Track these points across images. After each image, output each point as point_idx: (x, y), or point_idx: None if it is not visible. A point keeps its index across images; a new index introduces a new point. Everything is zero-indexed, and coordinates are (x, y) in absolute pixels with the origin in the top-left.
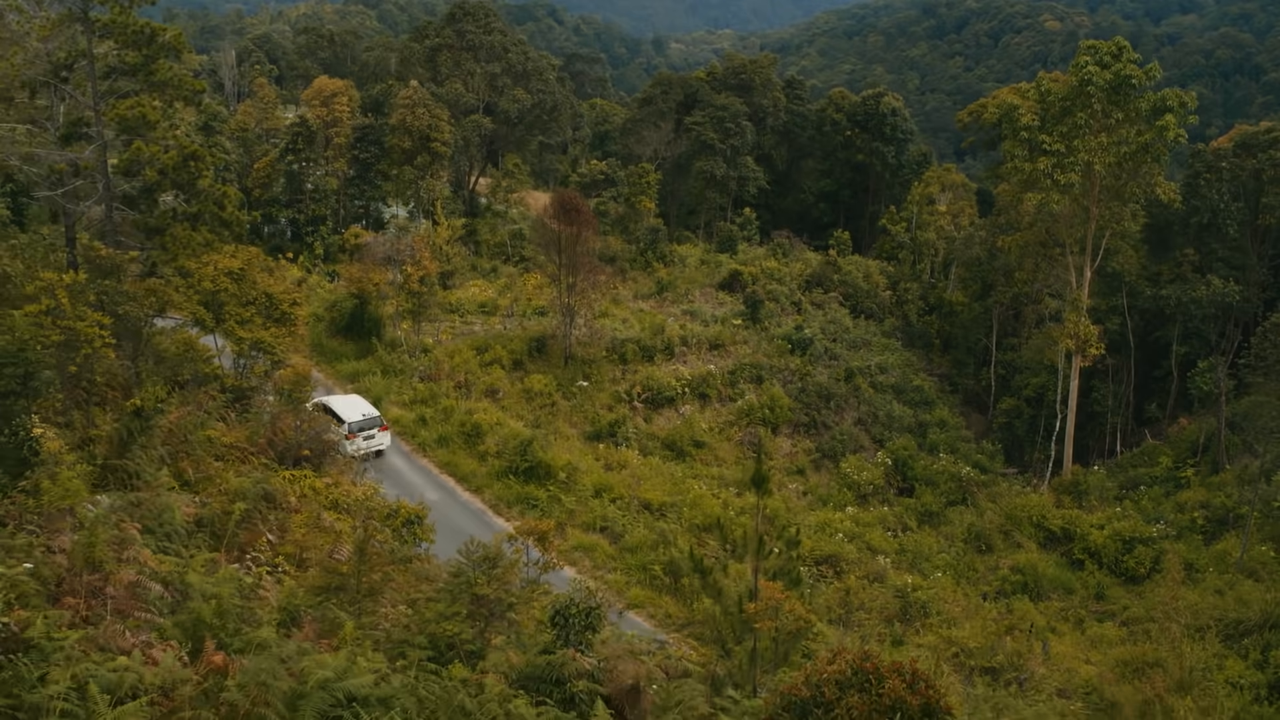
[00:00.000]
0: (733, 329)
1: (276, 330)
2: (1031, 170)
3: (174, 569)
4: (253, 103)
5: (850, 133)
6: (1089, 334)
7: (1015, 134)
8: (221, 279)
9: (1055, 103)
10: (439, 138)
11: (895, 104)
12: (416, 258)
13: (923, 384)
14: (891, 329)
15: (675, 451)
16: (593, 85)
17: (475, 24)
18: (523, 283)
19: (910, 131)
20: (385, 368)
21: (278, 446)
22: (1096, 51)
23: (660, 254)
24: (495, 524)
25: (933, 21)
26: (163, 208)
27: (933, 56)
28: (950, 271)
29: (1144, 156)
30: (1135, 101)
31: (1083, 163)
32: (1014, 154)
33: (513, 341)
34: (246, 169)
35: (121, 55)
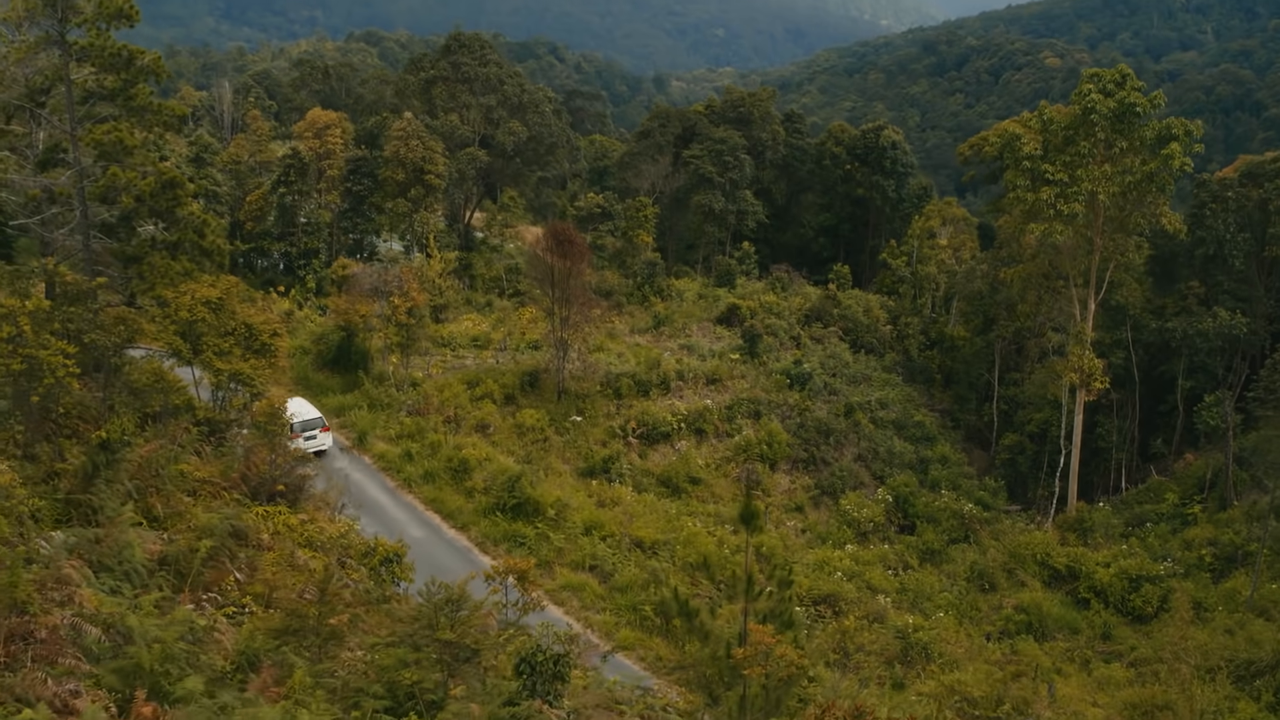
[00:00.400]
0: (730, 363)
1: (256, 362)
2: (1034, 200)
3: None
4: (246, 135)
5: (850, 166)
6: (1093, 367)
7: (1017, 163)
8: (199, 309)
9: (1058, 132)
10: (433, 170)
11: (895, 137)
12: (404, 289)
13: (924, 419)
14: (892, 364)
15: (671, 488)
16: (592, 121)
17: (471, 56)
18: (517, 317)
19: (911, 165)
20: (372, 401)
21: (251, 481)
22: (1100, 79)
23: (657, 288)
24: (480, 562)
25: (933, 59)
26: (142, 236)
27: (933, 93)
28: (952, 306)
29: (1148, 186)
30: (1139, 130)
31: (1086, 192)
32: (1016, 184)
33: (505, 376)
34: (239, 202)
35: (100, 80)
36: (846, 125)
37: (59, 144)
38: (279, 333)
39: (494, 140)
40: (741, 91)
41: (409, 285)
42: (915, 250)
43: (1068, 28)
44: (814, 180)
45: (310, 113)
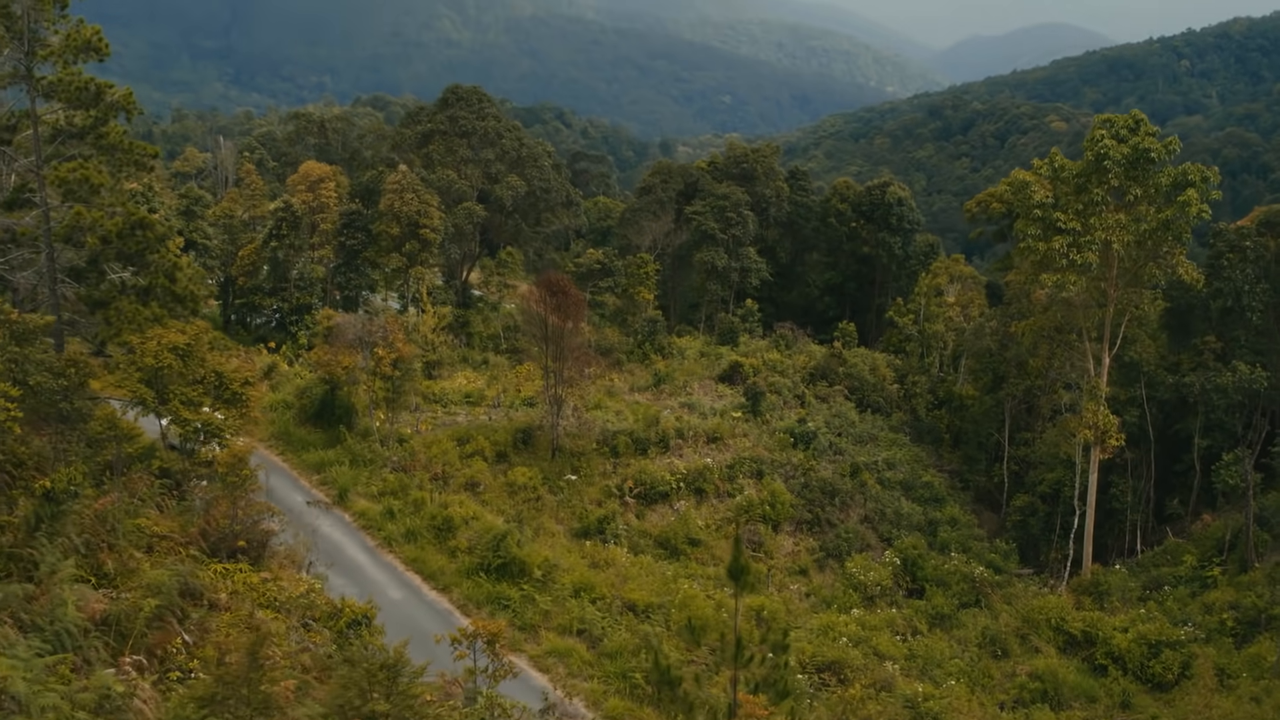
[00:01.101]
0: (732, 422)
1: (227, 412)
2: (1046, 250)
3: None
4: (240, 190)
5: (855, 224)
6: (1109, 424)
7: (1028, 212)
8: (165, 355)
9: (1070, 179)
10: (428, 224)
11: (901, 193)
12: (389, 339)
13: (932, 480)
14: (899, 423)
15: (669, 550)
16: (596, 183)
17: (468, 109)
18: (513, 374)
19: (917, 221)
20: (354, 457)
21: (210, 536)
22: (1112, 125)
23: (658, 346)
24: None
25: (938, 123)
26: (111, 280)
27: (939, 158)
28: (960, 364)
29: (1164, 235)
30: (1154, 177)
31: (1100, 241)
32: (1027, 233)
33: (497, 432)
34: (231, 257)
35: (69, 117)
36: (852, 182)
37: (26, 184)
38: (251, 381)
39: (492, 195)
40: (745, 147)
41: (394, 336)
42: (922, 308)
43: (1073, 92)
44: (819, 238)
45: (304, 165)
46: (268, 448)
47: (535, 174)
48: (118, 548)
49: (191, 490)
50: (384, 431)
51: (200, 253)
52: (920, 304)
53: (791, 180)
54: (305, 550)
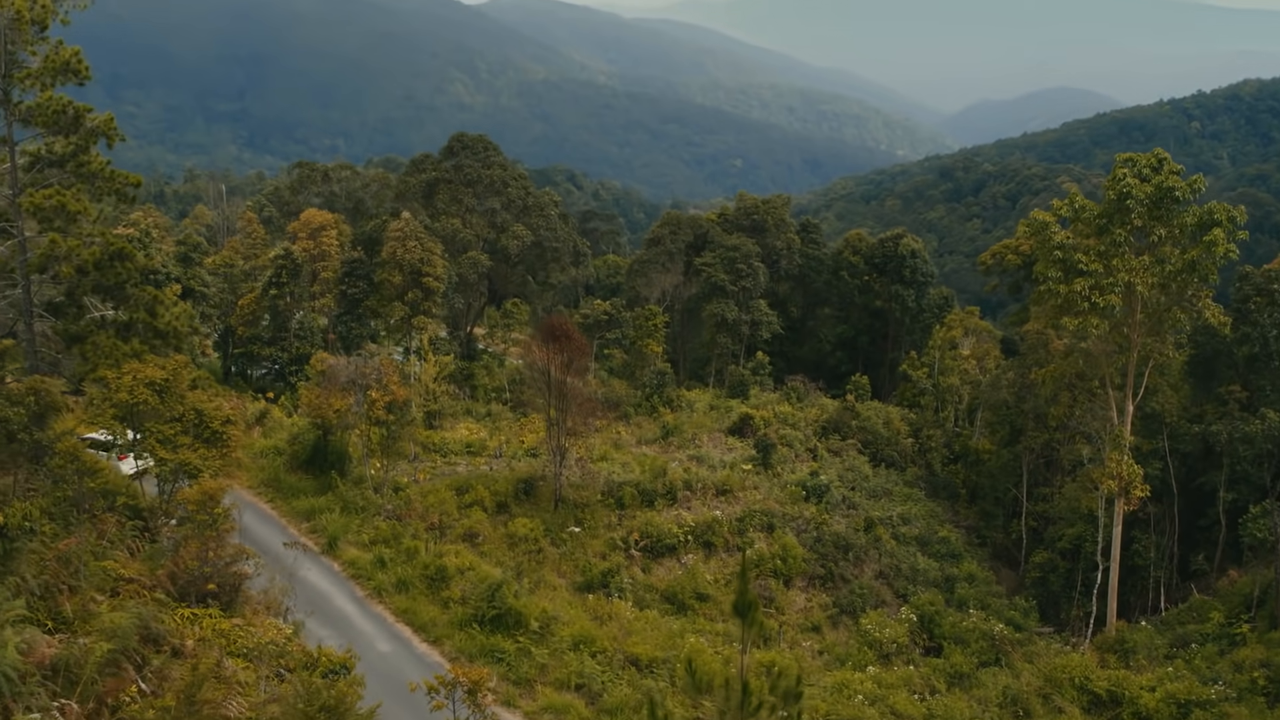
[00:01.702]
0: (742, 474)
1: (206, 451)
2: (1067, 293)
3: None
4: (240, 238)
5: (868, 276)
6: (1133, 474)
7: (1048, 253)
8: (141, 390)
9: (1091, 220)
10: (431, 273)
11: (915, 245)
12: (383, 382)
13: (949, 535)
14: (914, 478)
15: (676, 605)
16: (606, 241)
17: (474, 157)
18: (517, 425)
19: (931, 274)
20: (346, 504)
21: (179, 579)
22: (1134, 164)
23: (666, 399)
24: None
25: (949, 185)
26: (92, 315)
27: (950, 219)
28: (976, 418)
29: (1190, 277)
30: (1179, 216)
31: (1123, 284)
32: (1047, 275)
33: (497, 482)
34: (231, 306)
35: (49, 144)
36: (864, 234)
37: (2, 212)
38: (233, 420)
39: (498, 245)
40: (755, 198)
41: (389, 378)
42: (937, 361)
43: (1083, 154)
44: (830, 292)
45: (305, 213)
46: (256, 495)
47: (541, 223)
48: (79, 590)
49: (160, 530)
50: (378, 479)
51: (198, 300)
52: (934, 357)
53: (803, 233)
54: (282, 596)
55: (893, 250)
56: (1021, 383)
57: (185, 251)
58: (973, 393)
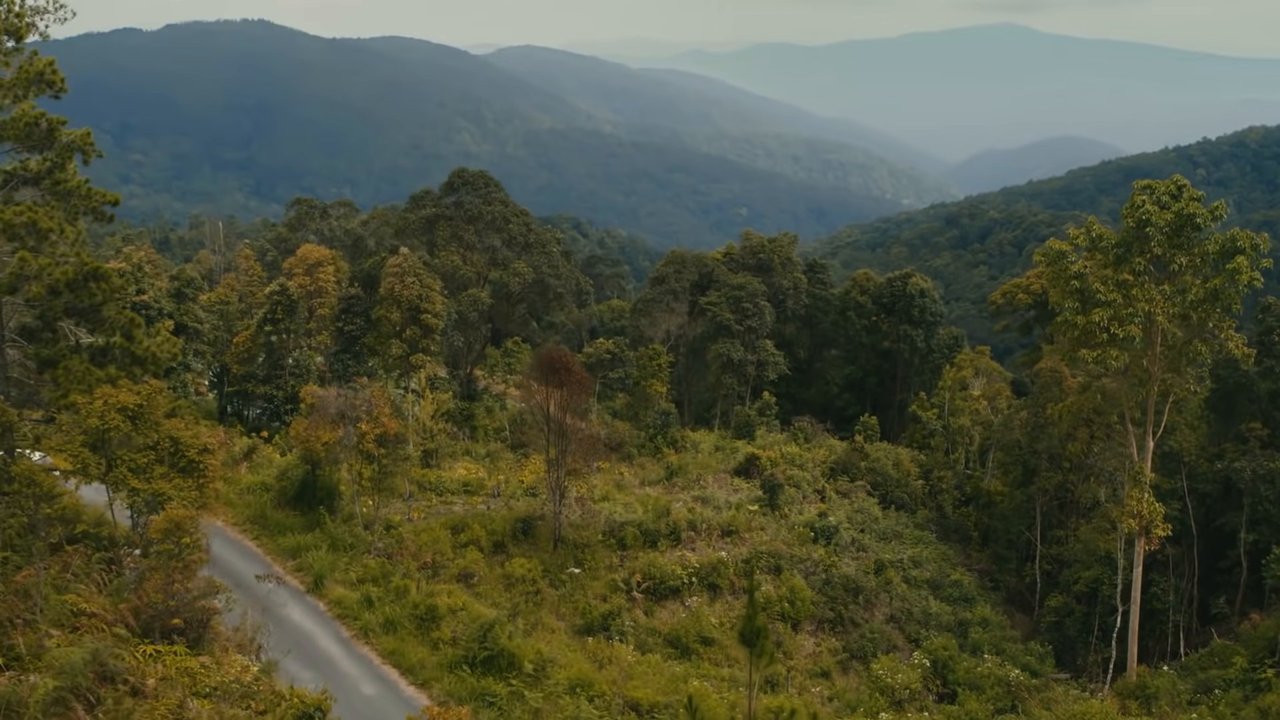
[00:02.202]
0: (748, 515)
1: (181, 481)
2: (1085, 324)
3: None
4: (236, 275)
5: (876, 317)
6: (1154, 513)
7: (1065, 283)
8: (112, 416)
9: (1109, 249)
10: (430, 309)
11: (923, 285)
12: (374, 414)
13: (961, 579)
14: (925, 521)
15: (679, 649)
16: (611, 286)
17: (475, 193)
18: (518, 464)
19: (940, 314)
20: (334, 541)
21: (142, 614)
22: (1153, 191)
23: (671, 439)
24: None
25: (955, 232)
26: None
27: (956, 266)
28: (988, 459)
29: (1212, 307)
30: (1201, 244)
31: (1143, 314)
32: (1064, 305)
33: (495, 521)
34: (226, 344)
35: (24, 162)
36: (872, 273)
37: None
38: (210, 449)
39: (499, 283)
40: (761, 237)
41: (379, 410)
42: (947, 402)
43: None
44: (838, 333)
45: (301, 249)
46: (242, 532)
47: (543, 261)
48: (36, 625)
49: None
50: (368, 516)
51: (191, 337)
52: (944, 398)
53: (810, 273)
54: (255, 633)
55: (901, 289)
56: (1035, 422)
57: (179, 287)
58: (984, 434)
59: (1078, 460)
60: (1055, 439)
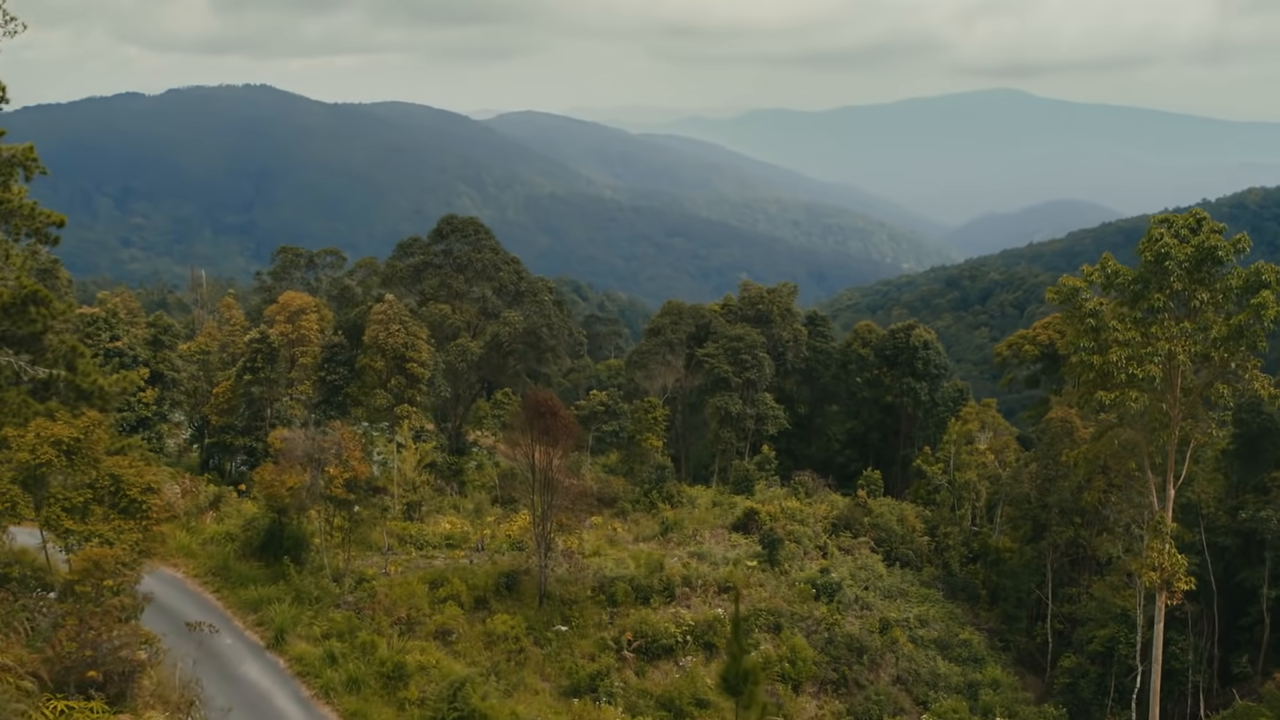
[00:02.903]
0: (746, 570)
1: (121, 523)
2: (1102, 364)
3: None
4: (217, 324)
5: (878, 370)
6: (1176, 565)
7: (1079, 321)
8: (45, 450)
9: (1126, 286)
10: (416, 358)
11: (927, 336)
12: (343, 457)
13: (970, 638)
14: (931, 578)
15: (673, 711)
16: (608, 344)
17: (464, 241)
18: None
19: (944, 366)
20: (298, 594)
21: (56, 666)
22: (1171, 224)
23: (666, 494)
24: None
25: (956, 294)
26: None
27: (958, 327)
28: (995, 515)
29: (1236, 345)
30: (1223, 278)
31: (1163, 353)
32: (1078, 345)
33: (476, 576)
34: (205, 395)
35: None
36: (874, 325)
37: None
38: (155, 489)
39: (489, 332)
40: (760, 288)
41: (350, 453)
42: (952, 456)
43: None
44: (839, 387)
45: (283, 295)
46: (202, 584)
47: (535, 310)
48: None
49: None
50: (338, 567)
51: (168, 386)
52: (950, 452)
53: (810, 325)
54: (187, 690)
55: (904, 341)
56: (1045, 474)
57: (155, 334)
58: (991, 488)
59: (1093, 512)
60: (1067, 491)
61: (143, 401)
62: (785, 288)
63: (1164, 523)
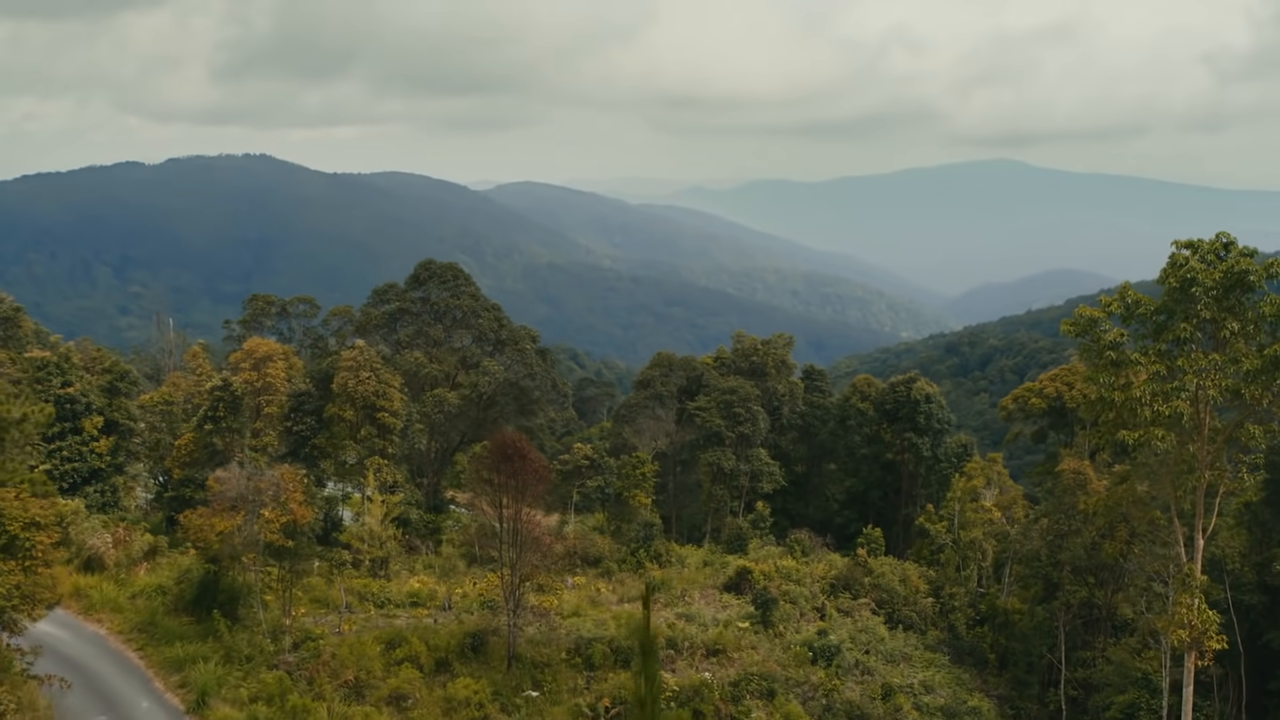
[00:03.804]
0: (737, 632)
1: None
2: (1124, 401)
3: None
4: (182, 373)
5: (879, 426)
6: (1207, 622)
7: (1099, 354)
8: None
9: (1149, 316)
10: (388, 407)
11: (929, 390)
12: (281, 499)
13: (979, 705)
14: (936, 642)
15: None
16: (601, 410)
17: (443, 286)
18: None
19: (948, 421)
20: (229, 652)
21: None
22: (1197, 248)
23: (654, 553)
24: None
25: (955, 360)
26: None
27: (958, 393)
28: (1003, 575)
29: (1270, 379)
30: (1256, 305)
31: (1191, 388)
32: (1098, 380)
33: (439, 636)
34: (169, 448)
35: None
36: (873, 379)
37: None
38: (41, 524)
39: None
40: (754, 339)
41: (289, 495)
42: (957, 514)
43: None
44: (837, 443)
45: (249, 341)
46: (125, 641)
47: (516, 359)
48: None
49: None
50: (276, 623)
51: (123, 435)
52: (954, 509)
53: (807, 379)
54: None
55: (905, 395)
56: (1057, 530)
57: (111, 381)
58: (998, 547)
59: (1110, 568)
60: (1080, 547)
61: (95, 451)
62: (780, 339)
63: (1193, 576)
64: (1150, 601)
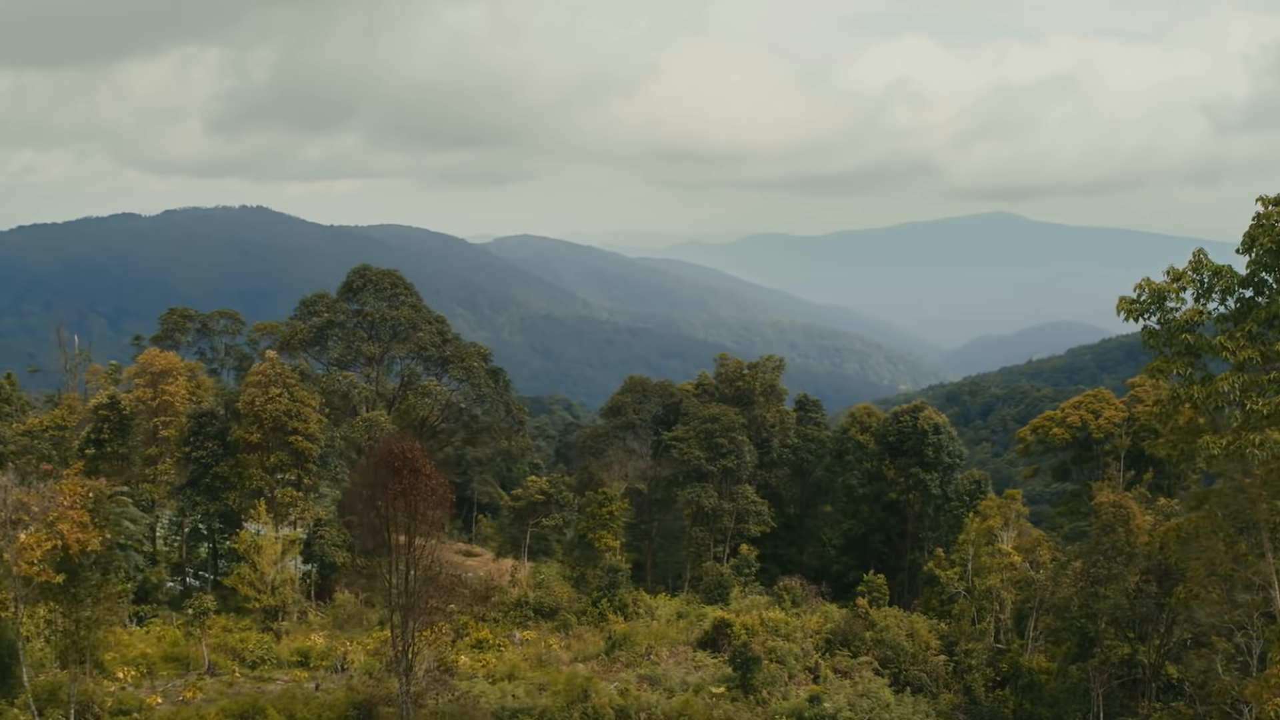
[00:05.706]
0: (710, 699)
1: None
2: (1206, 396)
3: None
4: (80, 396)
5: (881, 461)
6: None
7: (1170, 338)
8: None
9: (1233, 289)
10: (302, 429)
11: (937, 420)
12: (49, 518)
13: None
14: (950, 707)
15: None
16: None
17: (379, 296)
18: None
19: (959, 454)
20: None
21: None
22: None
23: (619, 603)
24: None
25: (956, 409)
26: None
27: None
28: (1027, 627)
29: None
30: None
31: None
32: (1166, 371)
33: (314, 705)
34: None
35: None
36: (874, 408)
37: None
38: None
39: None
40: (739, 361)
41: (63, 512)
42: (971, 558)
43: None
44: (833, 481)
45: (144, 354)
46: None
47: (463, 376)
48: None
49: None
50: (56, 685)
51: None
52: (968, 553)
53: (800, 409)
54: None
55: (911, 426)
56: (1093, 576)
57: None
58: (1020, 595)
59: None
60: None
61: None
62: (769, 361)
63: None
64: (1226, 660)
